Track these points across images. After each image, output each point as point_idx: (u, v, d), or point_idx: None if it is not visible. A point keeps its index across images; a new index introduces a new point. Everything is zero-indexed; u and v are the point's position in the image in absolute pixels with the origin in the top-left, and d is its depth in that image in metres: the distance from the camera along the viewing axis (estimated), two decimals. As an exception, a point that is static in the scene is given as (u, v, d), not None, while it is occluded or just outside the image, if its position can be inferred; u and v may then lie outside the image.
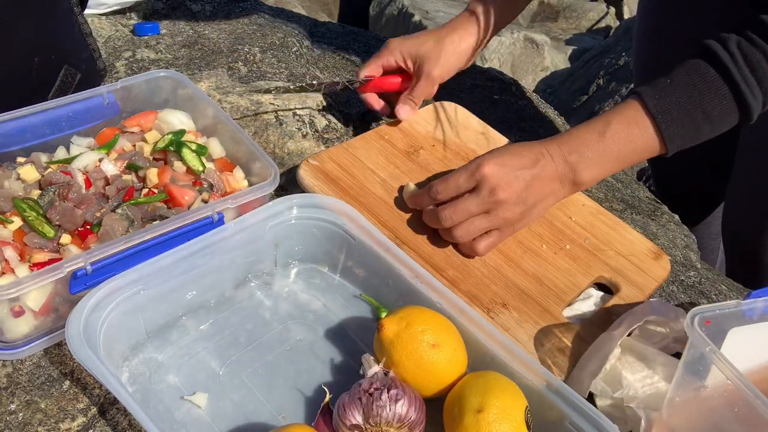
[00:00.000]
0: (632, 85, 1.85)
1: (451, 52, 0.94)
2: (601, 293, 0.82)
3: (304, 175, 0.86)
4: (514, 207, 0.76)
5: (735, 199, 1.20)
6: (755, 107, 0.74)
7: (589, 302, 0.80)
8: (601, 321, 0.76)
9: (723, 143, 1.20)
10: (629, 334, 0.72)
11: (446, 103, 1.03)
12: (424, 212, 0.81)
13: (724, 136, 1.14)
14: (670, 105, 0.75)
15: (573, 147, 0.78)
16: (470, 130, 0.99)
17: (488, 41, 0.97)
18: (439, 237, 0.82)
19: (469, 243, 0.79)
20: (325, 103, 1.04)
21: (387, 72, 0.97)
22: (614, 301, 0.79)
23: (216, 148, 0.84)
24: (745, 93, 0.73)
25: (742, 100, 0.74)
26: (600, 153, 0.77)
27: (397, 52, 0.95)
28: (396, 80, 0.98)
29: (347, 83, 0.97)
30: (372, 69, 0.96)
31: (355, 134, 1.04)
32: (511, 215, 0.77)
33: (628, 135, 0.76)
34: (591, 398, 0.71)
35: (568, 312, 0.78)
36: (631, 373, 0.68)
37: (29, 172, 0.75)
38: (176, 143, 0.80)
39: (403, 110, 0.95)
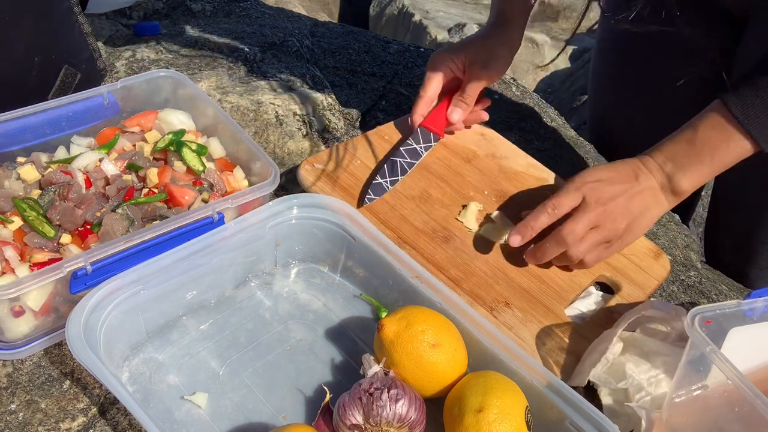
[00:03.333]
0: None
1: (498, 53, 0.93)
2: (601, 292, 0.82)
3: (305, 175, 0.86)
4: (621, 218, 0.77)
5: (714, 229, 1.19)
6: None
7: (589, 301, 0.80)
8: (603, 320, 0.76)
9: None
10: (633, 330, 0.72)
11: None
12: (538, 250, 0.80)
13: None
14: (756, 108, 0.74)
15: (666, 157, 0.79)
16: (469, 130, 0.99)
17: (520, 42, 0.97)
18: (440, 237, 0.82)
19: (581, 259, 0.79)
20: (325, 103, 1.04)
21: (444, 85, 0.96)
22: (615, 300, 0.79)
23: (216, 147, 0.84)
24: None
25: None
26: (693, 159, 0.77)
27: (449, 62, 0.93)
28: (443, 111, 0.95)
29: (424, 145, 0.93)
30: (434, 87, 0.93)
31: (356, 134, 1.04)
32: (619, 225, 0.77)
33: (718, 141, 0.76)
34: (595, 395, 0.71)
35: (569, 311, 0.78)
36: (635, 365, 0.69)
37: (29, 172, 0.75)
38: (176, 143, 0.80)
39: (455, 112, 0.93)
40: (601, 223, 0.77)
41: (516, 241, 0.78)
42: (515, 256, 0.82)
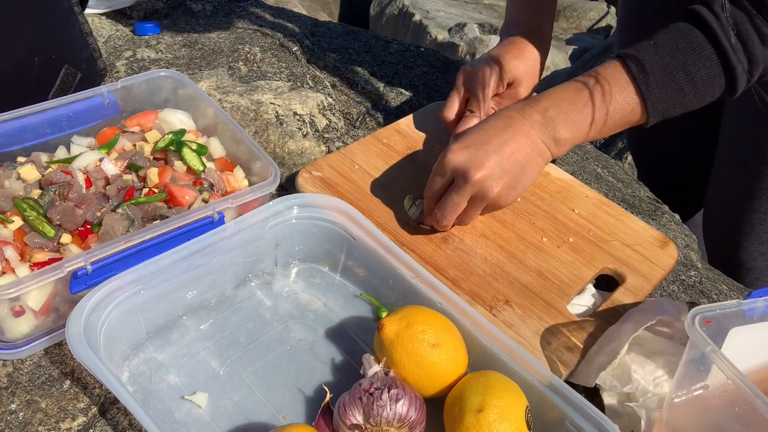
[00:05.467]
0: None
1: (535, 72, 0.91)
2: (594, 290, 0.81)
3: (303, 183, 0.86)
4: (498, 181, 0.75)
5: (713, 199, 1.20)
6: (739, 72, 0.72)
7: (591, 296, 0.79)
8: (608, 314, 0.76)
9: (705, 135, 1.21)
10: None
11: (444, 104, 1.03)
12: (433, 224, 0.82)
13: (706, 128, 1.11)
14: (652, 66, 0.73)
15: (550, 102, 0.76)
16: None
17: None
18: (439, 238, 0.82)
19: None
20: (325, 103, 1.04)
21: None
22: (620, 292, 0.79)
23: (216, 147, 0.84)
24: (729, 54, 0.71)
25: (727, 63, 0.72)
26: (578, 108, 0.75)
27: (498, 79, 0.89)
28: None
29: None
30: (488, 103, 0.89)
31: (356, 134, 1.04)
32: (498, 190, 0.75)
33: (607, 92, 0.74)
34: (598, 394, 0.71)
35: (571, 308, 0.78)
36: (640, 367, 0.68)
37: (30, 172, 0.75)
38: (177, 143, 0.80)
39: None
40: (477, 193, 0.76)
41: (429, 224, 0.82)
42: (515, 252, 0.82)
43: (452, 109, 0.91)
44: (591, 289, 0.81)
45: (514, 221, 0.86)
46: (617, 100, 0.74)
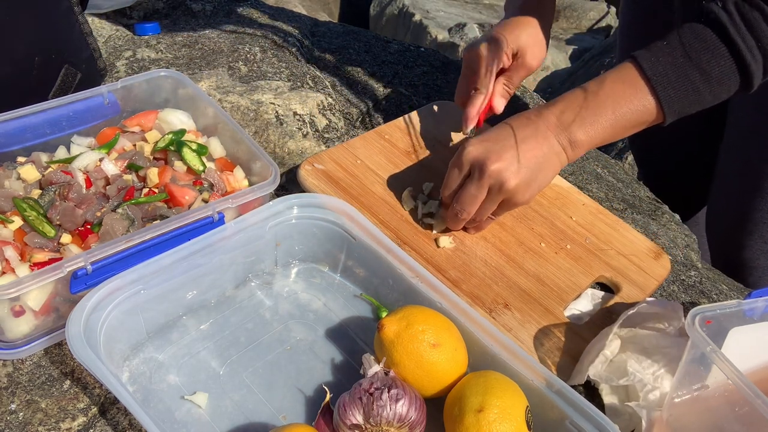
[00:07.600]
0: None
1: (540, 39, 0.90)
2: (601, 293, 0.82)
3: (305, 175, 0.86)
4: (515, 174, 0.75)
5: (716, 198, 1.21)
6: (755, 68, 0.72)
7: (587, 302, 0.80)
8: (602, 320, 0.76)
9: (708, 134, 1.21)
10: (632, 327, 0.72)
11: (446, 103, 1.03)
12: (448, 222, 0.82)
13: (709, 127, 1.11)
14: (666, 66, 0.73)
15: (566, 105, 0.77)
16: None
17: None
18: (440, 238, 0.82)
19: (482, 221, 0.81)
20: (325, 103, 1.04)
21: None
22: (615, 300, 0.79)
23: (216, 147, 0.84)
24: (744, 52, 0.71)
25: (741, 60, 0.72)
26: (594, 110, 0.75)
27: (502, 54, 0.88)
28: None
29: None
30: (492, 80, 0.89)
31: (356, 134, 1.04)
32: (516, 183, 0.75)
33: (622, 94, 0.75)
34: (596, 394, 0.71)
35: (568, 312, 0.78)
36: (636, 362, 0.69)
37: (30, 172, 0.75)
38: (177, 143, 0.80)
39: (501, 103, 0.91)
40: (494, 185, 0.76)
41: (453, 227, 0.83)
42: (514, 256, 0.82)
43: (461, 93, 0.91)
44: (588, 294, 0.81)
45: (513, 225, 0.86)
46: (632, 101, 0.75)
